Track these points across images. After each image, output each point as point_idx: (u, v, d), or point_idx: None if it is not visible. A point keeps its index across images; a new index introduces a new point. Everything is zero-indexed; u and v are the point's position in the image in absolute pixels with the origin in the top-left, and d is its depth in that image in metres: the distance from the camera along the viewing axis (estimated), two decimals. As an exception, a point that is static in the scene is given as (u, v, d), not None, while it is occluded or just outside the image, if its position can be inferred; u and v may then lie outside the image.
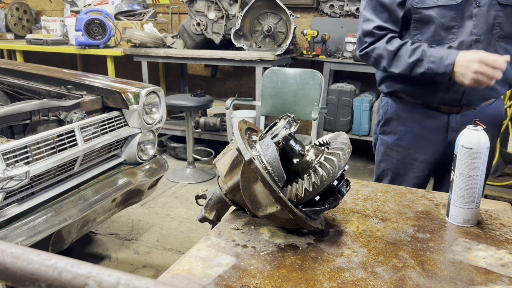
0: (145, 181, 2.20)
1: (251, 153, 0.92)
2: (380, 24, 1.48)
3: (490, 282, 0.86)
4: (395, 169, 1.61)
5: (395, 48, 1.46)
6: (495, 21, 1.40)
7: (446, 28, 1.42)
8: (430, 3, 1.41)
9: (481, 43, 1.41)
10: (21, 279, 0.35)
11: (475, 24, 1.40)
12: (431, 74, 1.39)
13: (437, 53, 1.38)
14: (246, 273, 0.87)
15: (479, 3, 1.39)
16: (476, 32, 1.41)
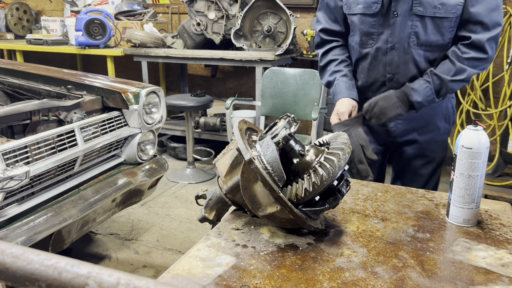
0: (145, 181, 2.20)
1: (251, 153, 0.92)
2: (326, 26, 1.67)
3: (490, 282, 0.86)
4: None
5: (324, 63, 1.70)
6: (412, 31, 1.48)
7: (367, 34, 1.55)
8: (354, 10, 1.55)
9: (396, 50, 1.52)
10: (21, 279, 0.35)
11: (391, 33, 1.50)
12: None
13: (338, 87, 1.62)
14: (246, 273, 0.87)
15: (396, 14, 1.48)
16: (391, 40, 1.51)
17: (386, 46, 1.53)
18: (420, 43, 1.50)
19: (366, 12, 1.51)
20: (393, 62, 1.54)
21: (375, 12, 1.50)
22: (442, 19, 1.45)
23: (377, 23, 1.51)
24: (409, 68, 1.53)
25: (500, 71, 3.57)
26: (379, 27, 1.52)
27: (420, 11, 1.44)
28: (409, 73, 1.54)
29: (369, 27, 1.53)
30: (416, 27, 1.48)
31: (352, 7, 1.55)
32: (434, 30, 1.47)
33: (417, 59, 1.52)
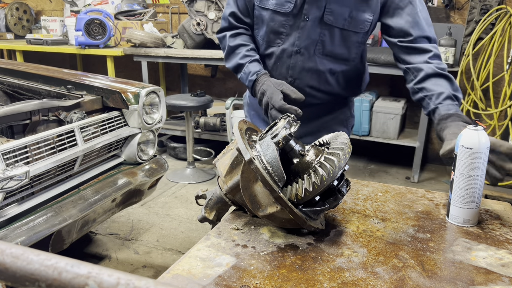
0: (145, 181, 2.20)
1: (251, 153, 0.92)
2: (236, 12, 1.57)
3: (490, 282, 0.86)
4: None
5: (234, 45, 1.56)
6: (319, 38, 1.46)
7: (275, 32, 1.50)
8: (266, 4, 1.48)
9: (301, 55, 1.48)
10: (21, 279, 0.35)
11: (299, 36, 1.46)
12: (242, 81, 1.54)
13: (251, 67, 1.50)
14: (246, 273, 0.87)
15: (307, 18, 1.44)
16: (298, 44, 1.47)
17: (292, 49, 1.49)
18: (325, 53, 1.48)
19: (278, 9, 1.46)
20: (296, 66, 1.50)
21: (286, 12, 1.45)
22: (350, 33, 1.45)
23: (287, 23, 1.47)
24: (310, 75, 1.51)
25: (500, 71, 3.57)
26: (288, 28, 1.47)
27: (330, 20, 1.42)
28: (310, 80, 1.52)
29: (279, 26, 1.48)
30: (324, 36, 1.45)
31: (265, 1, 1.48)
32: (341, 42, 1.46)
33: (319, 68, 1.49)
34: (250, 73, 1.48)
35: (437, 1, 3.84)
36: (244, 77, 1.50)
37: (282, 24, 1.47)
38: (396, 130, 3.89)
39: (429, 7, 3.87)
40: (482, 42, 3.57)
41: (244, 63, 1.51)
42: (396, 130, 3.89)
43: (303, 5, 1.43)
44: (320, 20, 1.43)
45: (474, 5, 3.74)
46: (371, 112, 3.93)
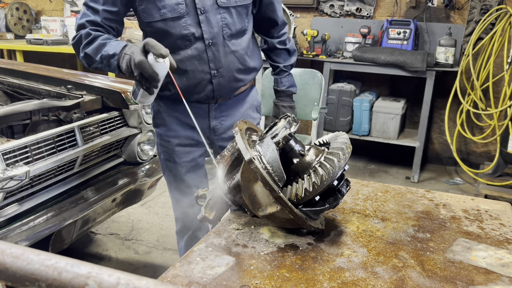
0: (145, 181, 2.20)
1: (251, 153, 0.92)
2: (94, 19, 1.46)
3: (490, 282, 0.86)
4: (171, 157, 1.71)
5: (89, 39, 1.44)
6: (222, 23, 1.51)
7: (180, 37, 1.49)
8: (157, 16, 1.46)
9: (214, 46, 1.52)
10: (21, 279, 0.35)
11: (204, 30, 1.49)
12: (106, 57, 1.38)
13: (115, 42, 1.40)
14: (246, 273, 0.87)
15: (203, 10, 1.47)
16: (207, 37, 1.50)
17: (204, 43, 1.50)
18: (231, 34, 1.55)
19: (173, 15, 1.46)
20: (215, 58, 1.53)
21: (182, 14, 1.46)
22: (242, 7, 1.55)
23: (187, 23, 1.47)
24: (230, 60, 1.56)
25: (500, 71, 3.57)
26: (190, 27, 1.48)
27: (224, 3, 1.50)
28: (232, 64, 1.57)
29: (182, 29, 1.47)
30: (225, 19, 1.51)
31: (154, 14, 1.46)
32: (238, 18, 1.55)
33: (233, 49, 1.56)
34: (116, 45, 1.37)
35: (437, 1, 3.84)
36: (109, 49, 1.36)
37: (183, 26, 1.47)
38: (396, 130, 3.89)
39: (429, 7, 3.87)
40: (482, 42, 3.57)
41: (106, 42, 1.40)
42: (396, 130, 3.89)
43: (193, 0, 1.46)
44: (216, 7, 1.49)
45: (474, 5, 3.74)
46: (371, 112, 3.93)
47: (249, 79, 1.69)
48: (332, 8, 4.26)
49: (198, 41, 1.50)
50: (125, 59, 1.30)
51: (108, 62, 1.37)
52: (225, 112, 1.67)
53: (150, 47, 1.22)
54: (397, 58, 3.57)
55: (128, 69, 1.28)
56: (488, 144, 3.96)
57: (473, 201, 1.27)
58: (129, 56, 1.28)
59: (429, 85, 3.60)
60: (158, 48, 1.22)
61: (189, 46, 1.50)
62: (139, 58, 1.22)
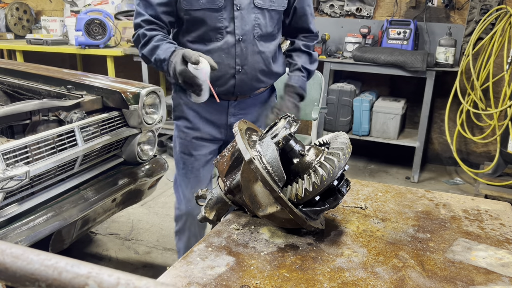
0: (145, 181, 2.20)
1: (251, 153, 0.92)
2: (148, 18, 1.58)
3: (490, 282, 0.86)
4: (187, 149, 1.75)
5: (151, 34, 1.56)
6: (255, 23, 1.58)
7: (214, 29, 1.56)
8: (197, 5, 1.53)
9: (243, 42, 1.58)
10: (21, 279, 0.35)
11: (237, 26, 1.56)
12: (158, 60, 1.51)
13: (167, 45, 1.52)
14: (246, 273, 0.87)
15: (239, 7, 1.54)
16: (238, 33, 1.56)
17: (234, 38, 1.56)
18: (262, 34, 1.61)
19: (211, 7, 1.52)
20: (242, 54, 1.58)
21: (220, 7, 1.53)
22: (275, 12, 1.62)
23: (223, 17, 1.54)
24: (256, 59, 1.62)
25: (500, 71, 3.57)
26: (225, 21, 1.55)
27: (260, 4, 1.57)
28: (256, 64, 1.62)
29: (216, 22, 1.55)
30: (258, 19, 1.58)
31: (193, 3, 1.53)
32: (270, 21, 1.61)
33: (261, 49, 1.62)
34: (166, 49, 1.49)
35: (437, 1, 3.84)
36: (160, 54, 1.49)
37: (218, 19, 1.54)
38: (396, 130, 3.89)
39: (429, 7, 3.87)
40: (482, 42, 3.57)
41: (159, 44, 1.52)
42: (396, 130, 3.89)
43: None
44: (252, 6, 1.56)
45: (474, 5, 3.74)
46: (371, 112, 3.92)
47: (270, 82, 1.76)
48: (332, 8, 4.26)
49: (229, 35, 1.56)
50: (171, 66, 1.43)
51: (160, 65, 1.50)
52: (243, 110, 1.72)
53: (186, 57, 1.37)
54: (397, 58, 3.57)
55: (174, 76, 1.43)
56: (488, 144, 3.96)
57: (473, 201, 1.27)
58: (173, 64, 1.41)
59: (429, 85, 3.60)
60: (189, 56, 1.35)
61: (220, 39, 1.57)
62: (180, 68, 1.38)
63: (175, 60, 1.41)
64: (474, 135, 3.87)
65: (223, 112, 1.70)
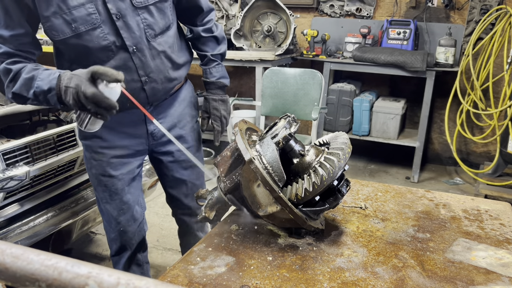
0: (145, 181, 2.20)
1: (251, 153, 0.92)
2: (6, 51, 1.28)
3: (490, 282, 0.86)
4: (105, 171, 1.52)
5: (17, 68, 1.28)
6: (143, 25, 1.35)
7: (100, 49, 1.31)
8: (69, 32, 1.27)
9: (139, 52, 1.36)
10: (21, 279, 0.35)
11: (125, 37, 1.32)
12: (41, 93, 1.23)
13: (46, 73, 1.24)
14: (246, 273, 0.87)
15: (119, 16, 1.30)
16: (129, 44, 1.33)
17: (127, 52, 1.34)
18: (156, 33, 1.40)
19: (87, 28, 1.27)
20: (142, 64, 1.38)
21: (98, 24, 1.28)
22: (161, 2, 1.39)
23: (104, 33, 1.30)
24: (158, 61, 1.42)
25: (500, 71, 3.57)
26: (108, 36, 1.30)
27: (140, 2, 1.33)
28: (161, 66, 1.43)
29: (100, 41, 1.29)
30: (146, 20, 1.35)
31: (64, 30, 1.27)
32: (160, 15, 1.39)
33: (160, 49, 1.41)
34: (48, 77, 1.22)
35: (437, 1, 3.84)
36: (42, 84, 1.22)
37: (101, 37, 1.30)
38: (396, 130, 3.89)
39: (429, 7, 3.87)
40: (482, 42, 3.57)
41: (34, 75, 1.25)
42: (396, 130, 3.89)
43: (106, 6, 1.28)
44: (132, 9, 1.32)
45: (474, 5, 3.74)
46: (371, 112, 3.92)
47: (183, 74, 1.57)
48: (332, 8, 4.27)
49: (121, 50, 1.33)
50: (69, 93, 1.13)
51: (44, 98, 1.22)
52: (162, 113, 1.53)
53: (100, 75, 1.09)
54: (397, 58, 3.57)
55: (78, 103, 1.12)
56: (488, 144, 3.96)
57: (473, 201, 1.27)
58: (74, 89, 1.12)
59: (429, 85, 3.60)
60: (110, 73, 1.09)
61: (112, 57, 1.33)
62: (91, 91, 1.09)
63: (75, 84, 1.12)
64: (474, 135, 3.87)
65: (141, 122, 1.50)
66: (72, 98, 1.13)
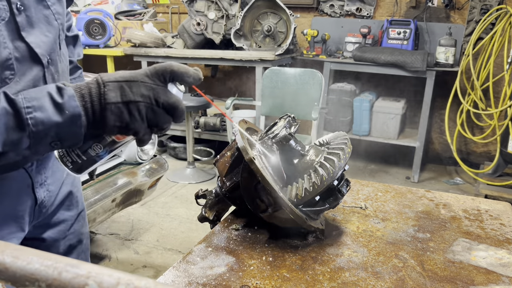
0: (145, 181, 2.21)
1: (251, 153, 0.92)
2: None
3: (490, 282, 0.86)
4: None
5: None
6: (58, 22, 0.89)
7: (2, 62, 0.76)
8: None
9: (53, 64, 0.87)
10: (21, 279, 0.35)
11: (31, 42, 0.81)
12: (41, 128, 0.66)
13: (29, 93, 0.68)
14: (246, 273, 0.87)
15: (20, 6, 0.79)
16: (41, 52, 0.83)
17: (42, 63, 0.83)
18: (65, 35, 0.98)
19: None
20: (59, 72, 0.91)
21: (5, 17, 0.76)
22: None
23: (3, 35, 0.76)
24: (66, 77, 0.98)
25: (500, 71, 3.57)
26: (8, 41, 0.77)
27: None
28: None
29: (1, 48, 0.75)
30: (58, 14, 0.89)
31: None
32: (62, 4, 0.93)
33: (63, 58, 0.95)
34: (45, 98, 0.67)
35: (437, 1, 3.84)
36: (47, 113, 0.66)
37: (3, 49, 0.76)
38: (396, 130, 3.89)
39: (429, 7, 3.87)
40: (482, 42, 3.57)
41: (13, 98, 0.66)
42: (396, 130, 3.89)
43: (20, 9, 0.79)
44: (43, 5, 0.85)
45: (474, 5, 3.74)
46: (371, 112, 3.93)
47: None
48: (332, 8, 4.26)
49: (28, 62, 0.81)
50: (134, 109, 0.70)
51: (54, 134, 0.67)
52: (46, 169, 0.97)
53: (180, 76, 0.73)
54: (397, 58, 3.57)
55: (142, 122, 0.71)
56: (488, 144, 3.96)
57: (473, 201, 1.27)
58: (144, 103, 0.70)
59: (429, 85, 3.60)
60: (192, 72, 0.74)
61: (12, 79, 0.78)
62: (176, 99, 0.73)
63: (141, 94, 0.70)
64: (474, 135, 3.87)
65: (26, 189, 0.92)
66: (138, 115, 0.70)
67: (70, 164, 0.76)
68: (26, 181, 0.92)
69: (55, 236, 1.07)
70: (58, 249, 1.08)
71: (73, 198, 1.08)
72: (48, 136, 0.67)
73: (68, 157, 0.76)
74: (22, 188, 0.92)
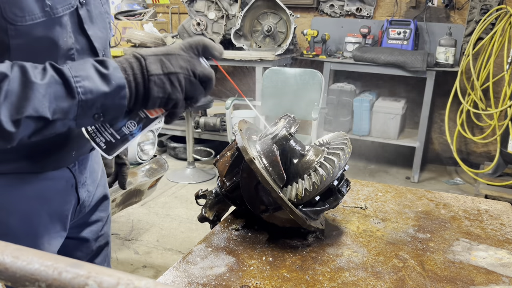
0: (145, 181, 2.20)
1: (251, 153, 0.92)
2: None
3: (491, 282, 0.86)
4: None
5: None
6: (107, 21, 0.94)
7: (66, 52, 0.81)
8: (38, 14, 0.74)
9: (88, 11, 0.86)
10: (21, 279, 0.35)
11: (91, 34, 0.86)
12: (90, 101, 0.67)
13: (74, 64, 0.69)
14: (246, 273, 0.87)
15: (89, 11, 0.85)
16: (98, 47, 0.88)
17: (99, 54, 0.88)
18: None
19: (65, 11, 0.78)
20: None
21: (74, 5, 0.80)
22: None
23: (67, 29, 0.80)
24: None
25: (500, 71, 3.57)
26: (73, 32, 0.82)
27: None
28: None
29: (68, 37, 0.80)
30: (107, 14, 0.94)
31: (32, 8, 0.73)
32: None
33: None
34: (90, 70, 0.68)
35: (437, 1, 3.84)
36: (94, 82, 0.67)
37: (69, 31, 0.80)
38: (396, 130, 3.89)
39: (429, 7, 3.87)
40: (482, 42, 3.57)
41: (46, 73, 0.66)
42: (396, 130, 3.89)
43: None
44: (99, 2, 0.89)
45: (474, 5, 3.74)
46: (371, 112, 3.92)
47: None
48: (332, 8, 4.26)
49: (86, 56, 0.85)
50: (175, 80, 0.72)
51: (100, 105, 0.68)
52: (85, 170, 1.00)
53: (211, 50, 0.77)
54: (397, 58, 3.57)
55: (180, 92, 0.74)
56: (488, 144, 3.96)
57: (473, 201, 1.27)
58: (183, 74, 0.73)
59: (429, 85, 3.60)
60: (218, 47, 0.79)
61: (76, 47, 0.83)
62: (209, 70, 0.77)
63: (180, 66, 0.73)
64: (474, 135, 3.87)
65: (70, 189, 0.96)
66: (178, 86, 0.73)
67: (103, 144, 0.76)
68: (71, 181, 0.95)
69: (89, 236, 1.10)
70: (90, 249, 1.12)
71: (106, 200, 1.12)
72: (93, 106, 0.68)
73: (102, 137, 0.76)
74: (68, 188, 0.95)
